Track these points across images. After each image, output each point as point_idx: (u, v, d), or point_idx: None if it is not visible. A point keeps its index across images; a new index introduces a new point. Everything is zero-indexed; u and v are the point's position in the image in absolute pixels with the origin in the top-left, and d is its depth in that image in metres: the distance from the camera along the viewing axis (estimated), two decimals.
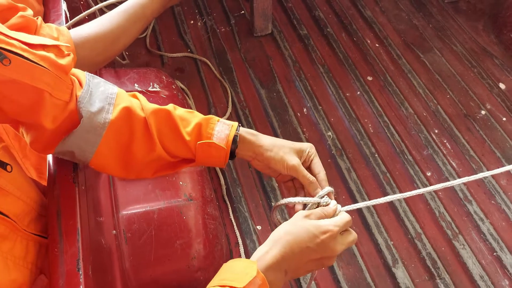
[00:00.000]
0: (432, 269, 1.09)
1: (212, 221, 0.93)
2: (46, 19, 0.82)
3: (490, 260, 1.10)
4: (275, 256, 0.51)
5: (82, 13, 0.82)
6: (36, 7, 0.81)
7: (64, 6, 0.84)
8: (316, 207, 0.59)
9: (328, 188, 0.60)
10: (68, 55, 0.54)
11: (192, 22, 1.66)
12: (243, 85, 1.47)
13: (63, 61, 0.52)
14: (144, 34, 1.58)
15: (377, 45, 1.60)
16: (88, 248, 0.54)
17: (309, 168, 0.63)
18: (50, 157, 0.62)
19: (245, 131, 0.61)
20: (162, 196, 0.88)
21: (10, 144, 0.72)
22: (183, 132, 0.58)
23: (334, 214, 0.58)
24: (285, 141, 0.62)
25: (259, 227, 1.15)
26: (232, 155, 0.61)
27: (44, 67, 0.49)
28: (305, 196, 0.62)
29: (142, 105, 0.57)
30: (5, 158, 0.52)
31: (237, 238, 1.12)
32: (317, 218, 0.56)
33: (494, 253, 1.11)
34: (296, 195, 0.64)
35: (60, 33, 0.66)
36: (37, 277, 0.54)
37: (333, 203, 0.59)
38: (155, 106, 0.58)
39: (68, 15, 0.82)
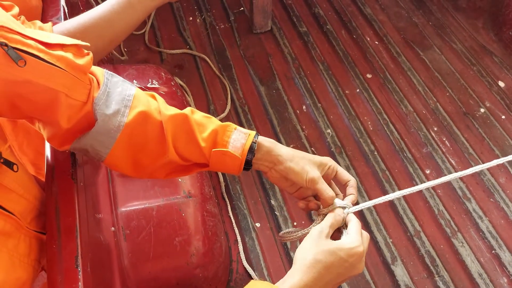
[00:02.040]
0: (431, 267, 1.09)
1: (211, 218, 0.93)
2: (44, 15, 0.82)
3: (488, 258, 1.10)
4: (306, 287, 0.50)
5: (80, 8, 0.81)
6: (33, 3, 0.80)
7: (62, 1, 0.83)
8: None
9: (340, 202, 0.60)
10: (88, 54, 0.53)
11: (191, 18, 1.65)
12: (242, 82, 1.46)
13: (81, 61, 0.51)
14: (143, 31, 1.58)
15: (376, 42, 1.59)
16: (86, 245, 0.54)
17: (335, 179, 0.62)
18: (48, 153, 0.61)
19: (263, 139, 0.59)
20: (161, 193, 0.87)
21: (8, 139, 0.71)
22: (199, 138, 0.56)
23: (344, 219, 0.58)
24: (304, 153, 0.60)
25: (258, 225, 1.15)
26: (248, 165, 0.59)
27: (60, 68, 0.48)
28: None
29: (160, 108, 0.56)
30: (11, 157, 0.52)
31: (236, 236, 1.11)
32: (332, 229, 0.56)
33: (493, 251, 1.11)
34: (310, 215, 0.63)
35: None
36: (39, 274, 0.54)
37: (339, 210, 0.59)
38: (173, 111, 0.57)
39: (66, 10, 0.82)
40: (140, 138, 0.55)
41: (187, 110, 0.58)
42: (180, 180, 0.91)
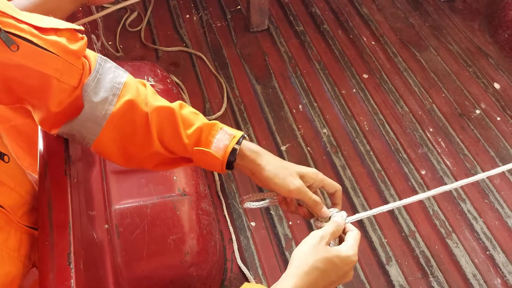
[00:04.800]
0: (426, 267, 1.09)
1: (206, 217, 0.92)
2: None
3: (483, 259, 1.10)
4: None
5: None
6: None
7: None
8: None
9: (335, 210, 0.59)
10: (82, 38, 0.52)
11: (187, 16, 1.65)
12: (238, 80, 1.46)
13: (75, 46, 0.51)
14: (139, 28, 1.57)
15: (373, 42, 1.59)
16: (79, 242, 0.53)
17: (323, 189, 0.60)
18: (41, 146, 0.60)
19: (247, 147, 0.57)
20: (156, 191, 0.86)
21: None
22: (183, 134, 0.56)
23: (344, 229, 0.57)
24: (290, 163, 0.58)
25: (253, 224, 1.14)
26: (231, 165, 0.58)
27: (53, 53, 0.48)
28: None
29: (147, 99, 0.56)
30: (2, 148, 0.52)
31: (231, 234, 1.11)
32: (333, 238, 0.55)
33: (487, 252, 1.12)
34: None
35: None
36: (30, 270, 0.53)
37: (340, 218, 0.57)
38: (160, 103, 0.56)
39: None
40: (127, 127, 0.55)
41: (176, 104, 0.57)
42: (175, 178, 0.91)
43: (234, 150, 0.56)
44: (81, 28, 0.52)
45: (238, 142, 0.57)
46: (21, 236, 0.52)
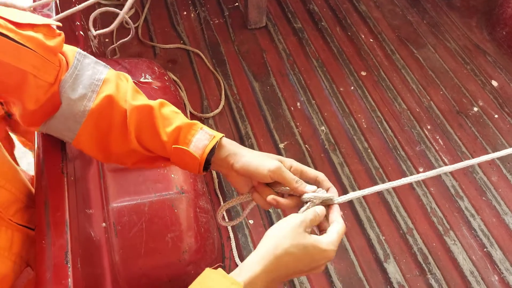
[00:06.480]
0: (423, 265, 1.09)
1: (204, 215, 0.92)
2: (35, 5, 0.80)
3: (480, 256, 1.11)
4: (266, 280, 0.47)
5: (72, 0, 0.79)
6: None
7: None
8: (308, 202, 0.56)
9: (313, 188, 0.57)
10: (59, 34, 0.52)
11: (185, 13, 1.64)
12: (236, 77, 1.45)
13: (52, 42, 0.50)
14: (136, 25, 1.56)
15: (371, 40, 1.59)
16: (76, 241, 0.53)
17: (304, 178, 0.58)
18: (38, 146, 0.60)
19: (227, 143, 0.57)
20: (153, 189, 0.86)
21: None
22: (162, 132, 0.55)
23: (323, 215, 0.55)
24: (265, 153, 0.58)
25: (251, 221, 1.14)
26: (207, 167, 0.57)
27: (29, 48, 0.47)
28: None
29: (127, 96, 0.55)
30: None
31: (229, 232, 1.11)
32: (312, 225, 0.52)
33: (485, 249, 1.12)
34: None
35: None
36: (23, 270, 0.53)
37: (319, 208, 0.55)
38: (140, 101, 0.55)
39: (58, 1, 0.80)
40: (105, 123, 0.54)
41: (156, 102, 0.56)
42: (172, 175, 0.90)
43: (212, 149, 0.55)
44: (59, 24, 0.52)
45: (217, 143, 0.56)
46: (13, 235, 0.52)
